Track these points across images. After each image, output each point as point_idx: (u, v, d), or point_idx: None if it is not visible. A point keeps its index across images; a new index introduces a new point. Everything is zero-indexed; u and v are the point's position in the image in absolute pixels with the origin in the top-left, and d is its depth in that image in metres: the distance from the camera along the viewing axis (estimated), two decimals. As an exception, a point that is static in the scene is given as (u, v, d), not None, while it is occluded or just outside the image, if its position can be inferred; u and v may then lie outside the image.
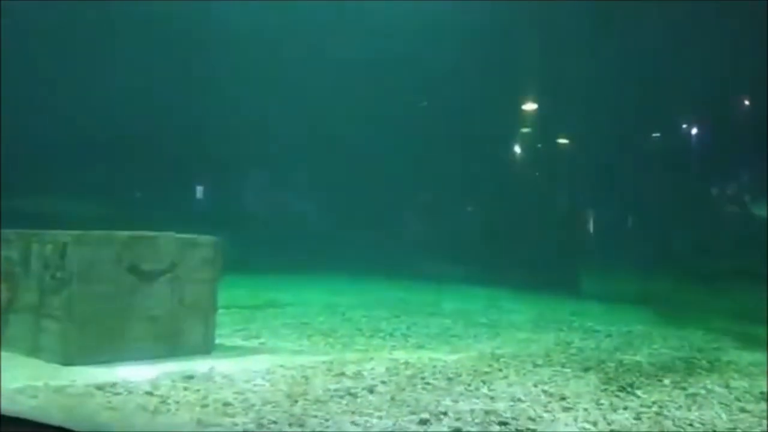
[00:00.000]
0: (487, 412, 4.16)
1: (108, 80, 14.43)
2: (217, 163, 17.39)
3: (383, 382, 4.79)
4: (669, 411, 4.44)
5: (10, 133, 13.05)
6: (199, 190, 18.38)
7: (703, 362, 6.20)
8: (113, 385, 4.41)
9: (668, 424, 4.15)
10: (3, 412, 3.70)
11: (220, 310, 6.19)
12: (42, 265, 5.26)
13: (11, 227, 5.79)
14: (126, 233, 5.53)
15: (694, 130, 17.07)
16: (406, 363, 5.47)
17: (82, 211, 11.72)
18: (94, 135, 14.81)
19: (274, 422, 3.80)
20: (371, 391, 4.54)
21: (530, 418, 4.10)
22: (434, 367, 5.37)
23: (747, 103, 15.41)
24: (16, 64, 12.99)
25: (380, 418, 3.98)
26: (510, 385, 4.91)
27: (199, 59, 15.32)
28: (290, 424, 3.77)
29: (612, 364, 5.81)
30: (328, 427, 3.78)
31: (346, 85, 15.83)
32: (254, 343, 6.38)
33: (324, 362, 5.38)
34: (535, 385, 4.91)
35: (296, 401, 4.23)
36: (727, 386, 5.21)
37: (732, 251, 14.22)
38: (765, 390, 5.11)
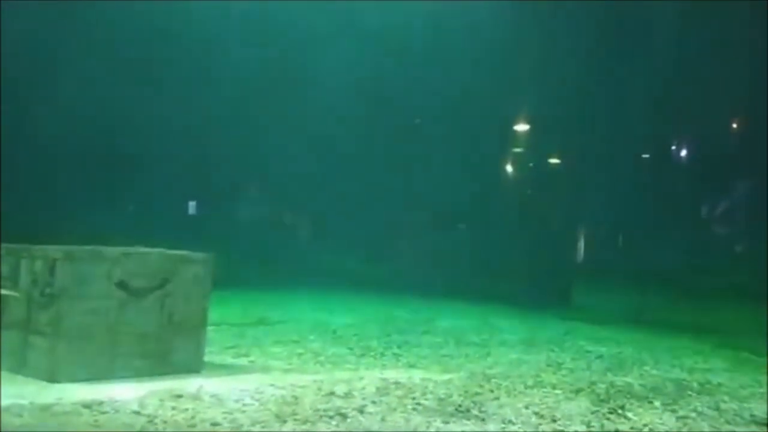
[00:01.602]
0: (477, 434, 4.14)
1: (100, 91, 14.44)
2: (209, 178, 17.38)
3: (374, 402, 4.76)
4: (659, 434, 4.44)
5: (7, 145, 13.01)
6: (192, 206, 18.34)
7: (694, 384, 6.20)
8: (100, 403, 4.36)
9: (659, 447, 4.14)
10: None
11: (210, 327, 6.15)
12: (31, 281, 5.22)
13: (2, 241, 5.74)
14: (117, 249, 5.50)
15: (688, 146, 17.23)
16: (397, 383, 5.44)
17: (72, 226, 11.66)
18: (85, 147, 14.78)
19: (263, 443, 3.77)
20: (361, 411, 4.51)
21: (521, 441, 4.08)
22: (425, 387, 5.34)
23: (743, 120, 15.57)
24: (11, 74, 12.99)
25: (370, 439, 3.95)
26: (501, 406, 4.89)
27: (195, 67, 15.36)
28: (279, 446, 3.73)
29: (603, 386, 5.80)
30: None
31: (341, 100, 15.91)
32: (244, 361, 6.33)
33: (314, 381, 5.34)
34: (527, 407, 4.89)
35: (285, 421, 4.19)
36: (718, 409, 5.21)
37: (724, 269, 14.29)
38: (755, 413, 5.11)
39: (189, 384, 4.98)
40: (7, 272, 5.43)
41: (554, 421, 4.56)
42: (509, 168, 18.28)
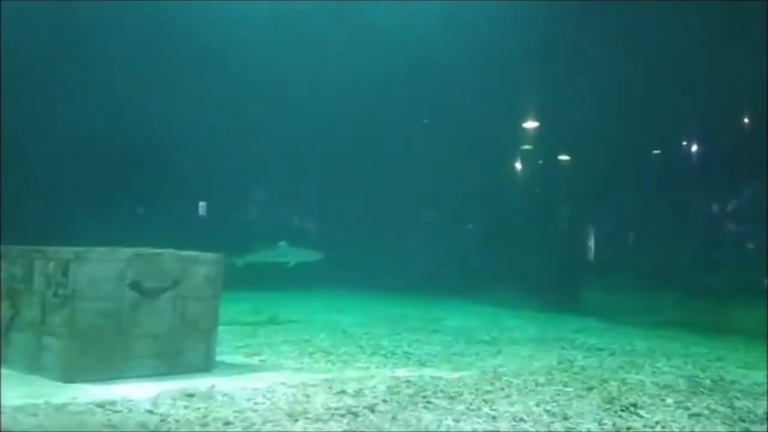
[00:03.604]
0: (488, 432, 4.14)
1: (109, 91, 14.51)
2: (219, 179, 17.44)
3: (384, 401, 4.76)
4: (672, 431, 4.41)
5: (12, 148, 13.11)
6: (202, 206, 18.40)
7: (707, 381, 6.16)
8: (113, 403, 4.40)
9: (671, 444, 4.12)
10: (4, 430, 3.69)
11: (222, 327, 6.19)
12: (44, 282, 5.27)
13: (14, 243, 5.80)
14: (129, 250, 5.54)
15: (696, 144, 17.07)
16: (408, 381, 5.45)
17: (83, 227, 11.74)
18: (97, 148, 14.86)
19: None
20: (372, 409, 4.52)
21: (532, 438, 4.08)
22: (436, 385, 5.34)
23: (755, 117, 15.41)
24: (17, 74, 13.07)
25: (381, 437, 3.96)
26: (512, 404, 4.88)
27: (199, 68, 15.39)
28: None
29: (615, 384, 5.77)
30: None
31: (347, 101, 15.92)
32: (255, 360, 6.37)
33: (325, 380, 5.36)
34: (538, 405, 4.88)
35: (297, 420, 4.21)
36: (731, 406, 5.17)
37: (737, 267, 14.15)
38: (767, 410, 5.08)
39: (201, 383, 5.02)
40: (21, 274, 5.48)
41: (566, 419, 4.55)
42: (518, 166, 18.21)
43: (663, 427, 4.50)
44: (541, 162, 17.44)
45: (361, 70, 15.28)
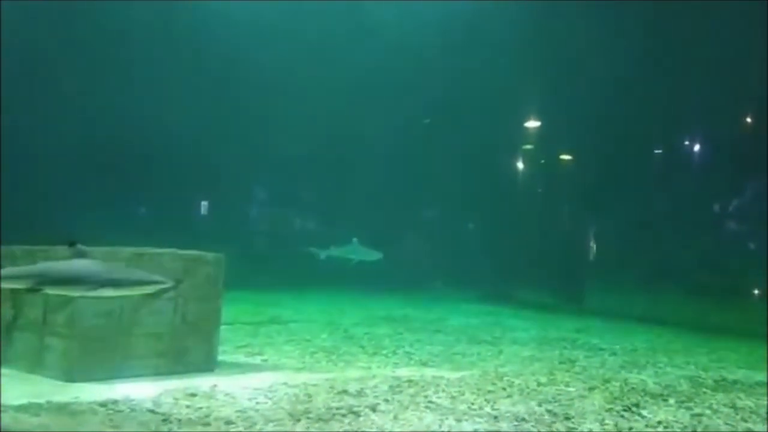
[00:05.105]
0: (490, 432, 4.13)
1: (110, 91, 14.51)
2: (220, 179, 17.43)
3: (386, 401, 4.77)
4: (674, 431, 4.40)
5: (12, 147, 13.11)
6: (204, 206, 18.40)
7: (708, 381, 6.16)
8: (116, 402, 4.41)
9: (674, 444, 4.11)
10: (5, 430, 3.70)
11: (224, 327, 6.19)
12: (47, 282, 5.26)
13: (15, 243, 5.80)
14: (130, 250, 5.55)
15: (699, 144, 17.04)
16: (410, 381, 5.45)
17: (85, 227, 11.74)
18: (98, 148, 14.86)
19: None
20: (374, 409, 4.52)
21: (534, 438, 4.07)
22: (437, 385, 5.34)
23: (752, 117, 15.38)
24: (18, 72, 13.07)
25: (383, 437, 3.96)
26: (514, 404, 4.88)
27: (199, 68, 15.39)
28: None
29: (617, 384, 5.77)
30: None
31: (347, 100, 15.92)
32: (257, 360, 6.37)
33: (326, 380, 5.36)
34: (539, 405, 4.87)
35: (299, 420, 4.21)
36: (733, 406, 5.17)
37: (737, 268, 14.14)
38: (770, 410, 5.07)
39: (203, 383, 5.02)
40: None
41: (568, 419, 4.55)
42: (520, 166, 18.19)
43: (665, 427, 4.49)
44: (543, 161, 17.41)
45: (361, 69, 15.27)
